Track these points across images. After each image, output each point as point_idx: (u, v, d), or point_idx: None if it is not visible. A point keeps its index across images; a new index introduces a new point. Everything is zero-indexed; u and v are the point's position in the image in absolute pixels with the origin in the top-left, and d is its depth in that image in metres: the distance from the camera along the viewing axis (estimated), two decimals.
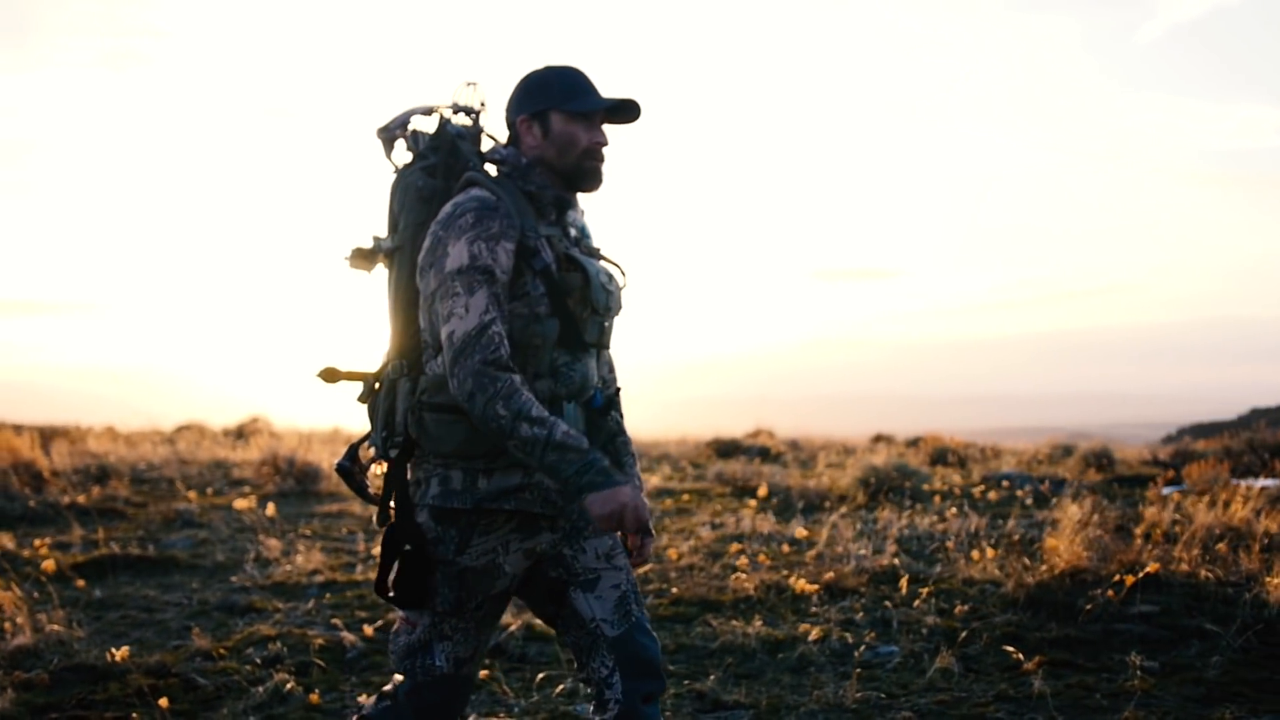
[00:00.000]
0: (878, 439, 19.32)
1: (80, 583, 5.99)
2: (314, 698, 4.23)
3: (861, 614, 5.41)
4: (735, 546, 6.64)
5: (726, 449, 16.12)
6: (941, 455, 13.39)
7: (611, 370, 2.86)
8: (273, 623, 5.30)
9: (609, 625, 2.60)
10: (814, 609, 5.48)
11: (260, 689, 4.33)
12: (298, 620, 5.36)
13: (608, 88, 2.65)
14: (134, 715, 3.99)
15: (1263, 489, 8.42)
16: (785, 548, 6.92)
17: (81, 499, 8.68)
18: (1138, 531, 6.50)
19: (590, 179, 2.64)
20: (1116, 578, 5.38)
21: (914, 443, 15.88)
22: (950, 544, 6.59)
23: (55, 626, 4.98)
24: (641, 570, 2.89)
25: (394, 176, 2.67)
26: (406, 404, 2.55)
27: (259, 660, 4.70)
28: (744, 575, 5.93)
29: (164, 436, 15.90)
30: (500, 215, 2.50)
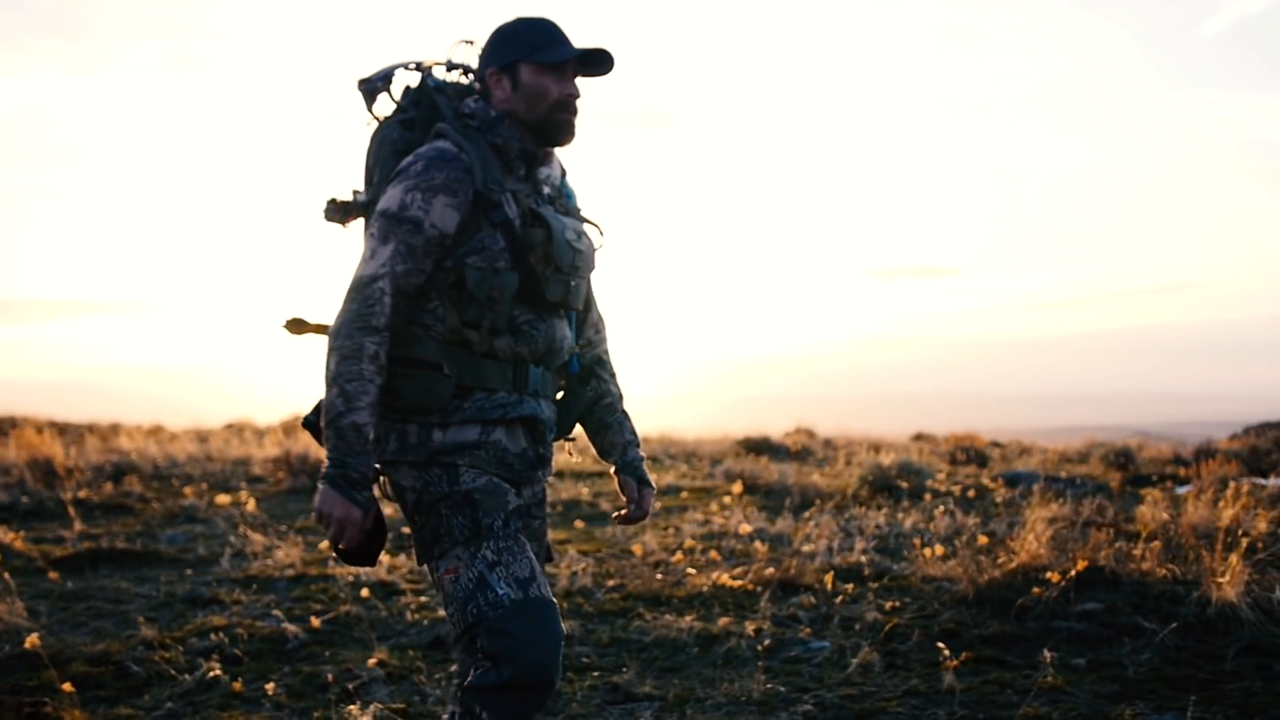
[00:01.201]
0: (918, 437, 19.24)
1: (53, 575, 6.19)
2: (237, 685, 4.36)
3: (806, 610, 5.44)
4: (690, 542, 6.70)
5: (756, 447, 16.15)
6: (967, 453, 13.31)
7: (598, 332, 2.84)
8: (229, 614, 5.45)
9: None
10: (761, 604, 5.51)
11: (188, 677, 4.48)
12: (255, 612, 5.50)
13: (672, 88, 2.60)
14: (46, 699, 4.13)
15: (1255, 487, 8.30)
16: (758, 544, 6.95)
17: (84, 494, 8.92)
18: (1094, 530, 6.44)
19: (561, 131, 2.59)
20: (1051, 576, 5.35)
21: (917, 438, 15.79)
22: (917, 541, 6.58)
23: (15, 617, 5.17)
24: (638, 523, 2.85)
25: (372, 129, 2.66)
26: None
27: (181, 650, 4.84)
28: (693, 571, 5.98)
29: (199, 434, 16.23)
30: (452, 167, 2.47)
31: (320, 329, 2.64)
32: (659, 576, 6.01)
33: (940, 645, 4.76)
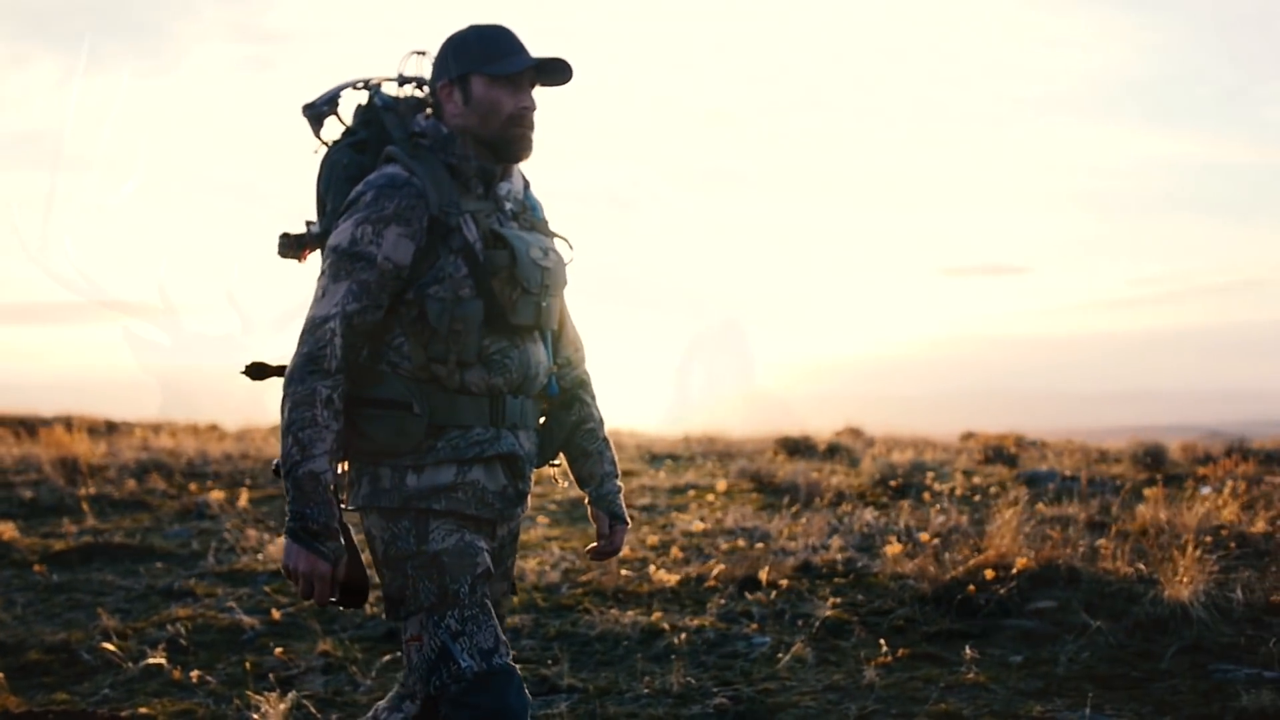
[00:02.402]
0: (967, 436, 19.06)
1: (39, 568, 6.40)
2: (176, 674, 4.51)
3: (761, 606, 5.46)
4: (653, 539, 6.74)
5: (793, 446, 16.14)
6: (986, 452, 13.16)
7: (577, 351, 2.71)
8: (197, 606, 5.59)
9: None
10: (718, 600, 5.54)
11: (132, 665, 4.63)
12: (222, 605, 5.65)
13: (734, 86, 2.44)
14: None
15: (1269, 486, 8.13)
16: (740, 541, 6.97)
17: (103, 490, 9.17)
18: (1056, 529, 6.38)
19: (518, 147, 2.46)
20: (987, 574, 5.32)
21: (966, 438, 15.63)
22: (892, 538, 6.56)
23: None
24: (609, 559, 2.79)
25: (321, 155, 2.53)
26: None
27: (136, 640, 5.00)
28: (654, 568, 6.03)
29: (244, 433, 16.57)
30: (403, 194, 2.36)
31: (281, 372, 2.49)
32: (624, 573, 6.06)
33: (881, 642, 4.77)
